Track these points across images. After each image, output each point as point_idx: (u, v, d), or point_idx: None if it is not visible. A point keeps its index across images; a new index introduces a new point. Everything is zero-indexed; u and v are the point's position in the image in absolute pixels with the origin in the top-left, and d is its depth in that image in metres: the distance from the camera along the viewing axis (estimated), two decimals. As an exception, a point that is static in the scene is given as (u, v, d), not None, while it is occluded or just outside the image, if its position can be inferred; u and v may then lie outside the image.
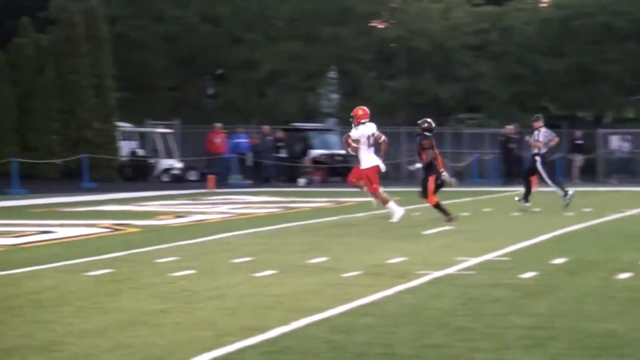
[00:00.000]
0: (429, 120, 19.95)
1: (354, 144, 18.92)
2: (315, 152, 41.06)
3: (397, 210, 18.91)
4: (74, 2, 43.70)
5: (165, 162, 40.98)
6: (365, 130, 18.97)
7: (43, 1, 47.43)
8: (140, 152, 42.19)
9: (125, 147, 42.27)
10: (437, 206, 18.93)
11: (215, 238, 15.77)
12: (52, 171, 39.69)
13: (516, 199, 22.90)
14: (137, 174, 41.02)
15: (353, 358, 7.07)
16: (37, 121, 40.23)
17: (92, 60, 41.45)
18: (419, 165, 19.82)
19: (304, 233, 16.93)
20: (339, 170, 40.55)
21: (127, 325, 8.13)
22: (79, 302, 9.26)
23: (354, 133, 18.99)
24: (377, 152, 19.13)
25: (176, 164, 41.02)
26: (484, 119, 48.88)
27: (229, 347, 7.30)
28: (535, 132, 22.74)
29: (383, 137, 19.27)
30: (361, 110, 19.22)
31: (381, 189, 19.39)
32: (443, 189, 19.52)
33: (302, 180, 38.90)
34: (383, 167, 18.96)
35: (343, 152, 42.08)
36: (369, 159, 18.97)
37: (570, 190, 22.80)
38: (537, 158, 22.58)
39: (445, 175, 19.59)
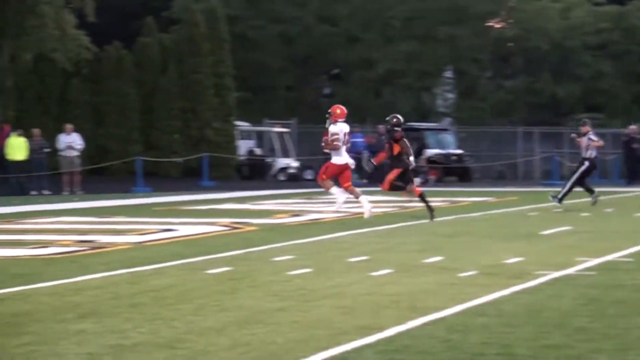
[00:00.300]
0: (397, 115, 20.27)
1: (335, 137, 19.23)
2: (431, 152, 40.85)
3: (340, 197, 19.46)
4: (195, 2, 44.36)
5: (282, 161, 41.24)
6: (343, 127, 19.34)
7: (166, 1, 48.24)
8: (258, 151, 42.54)
9: (243, 146, 42.69)
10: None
11: (330, 237, 15.80)
12: (174, 170, 40.32)
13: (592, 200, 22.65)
14: (255, 173, 41.39)
15: (470, 358, 7.01)
16: (160, 120, 40.92)
17: (213, 60, 41.97)
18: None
19: (419, 232, 16.86)
20: (454, 170, 40.28)
21: (246, 323, 8.20)
22: (199, 300, 9.37)
23: (333, 128, 19.32)
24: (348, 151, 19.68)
25: (293, 163, 41.25)
26: (605, 119, 48.01)
27: (346, 346, 7.30)
28: (591, 137, 22.82)
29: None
30: (339, 109, 19.62)
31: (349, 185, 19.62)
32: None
33: (417, 180, 38.72)
34: (352, 163, 19.53)
35: (459, 151, 41.96)
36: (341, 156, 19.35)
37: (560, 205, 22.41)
38: (587, 162, 22.56)
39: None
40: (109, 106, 40.49)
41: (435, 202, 25.21)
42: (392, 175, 19.50)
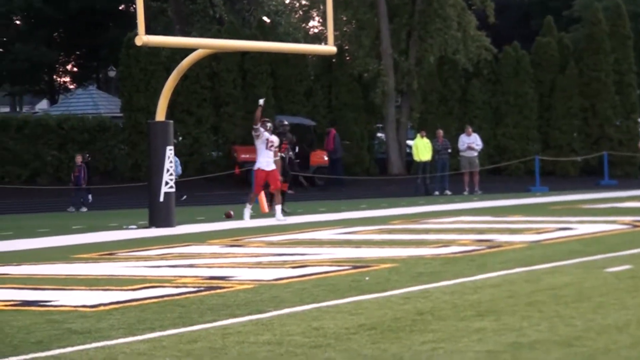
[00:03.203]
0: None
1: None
2: None
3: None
4: (598, 0, 43.64)
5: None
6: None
7: (567, 0, 47.81)
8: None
9: (651, 145, 41.36)
10: None
11: None
12: (572, 169, 39.83)
13: None
14: (661, 172, 40.00)
15: None
16: (559, 119, 40.58)
17: (615, 58, 41.09)
18: None
19: None
20: None
21: (647, 322, 7.99)
22: (599, 298, 9.22)
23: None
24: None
25: None
26: None
27: None
28: None
29: None
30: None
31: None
32: None
33: None
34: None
35: None
36: None
37: None
38: None
39: None
40: (507, 106, 40.66)
41: None
42: None
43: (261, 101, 21.10)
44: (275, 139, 21.32)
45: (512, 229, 17.39)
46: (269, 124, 21.34)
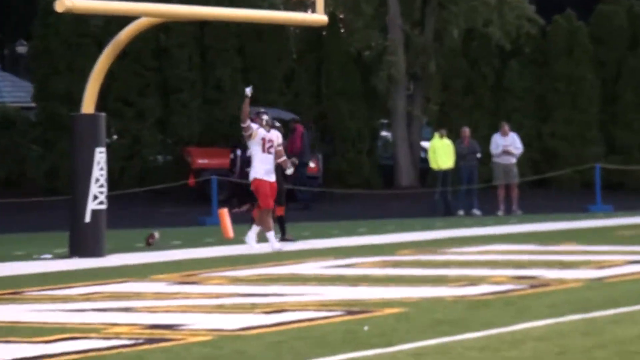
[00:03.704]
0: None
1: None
2: None
3: None
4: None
5: None
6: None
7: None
8: None
9: None
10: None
11: None
12: (645, 181, 39.79)
13: None
14: None
15: None
16: (627, 114, 40.53)
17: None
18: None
19: None
20: None
21: None
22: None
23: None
24: None
25: None
26: None
27: None
28: None
29: None
30: None
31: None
32: None
33: None
34: None
35: None
36: None
37: None
38: None
39: None
40: (557, 96, 40.69)
41: None
42: None
43: (248, 91, 20.82)
44: (275, 136, 21.13)
45: (564, 261, 17.45)
46: (264, 117, 21.03)
